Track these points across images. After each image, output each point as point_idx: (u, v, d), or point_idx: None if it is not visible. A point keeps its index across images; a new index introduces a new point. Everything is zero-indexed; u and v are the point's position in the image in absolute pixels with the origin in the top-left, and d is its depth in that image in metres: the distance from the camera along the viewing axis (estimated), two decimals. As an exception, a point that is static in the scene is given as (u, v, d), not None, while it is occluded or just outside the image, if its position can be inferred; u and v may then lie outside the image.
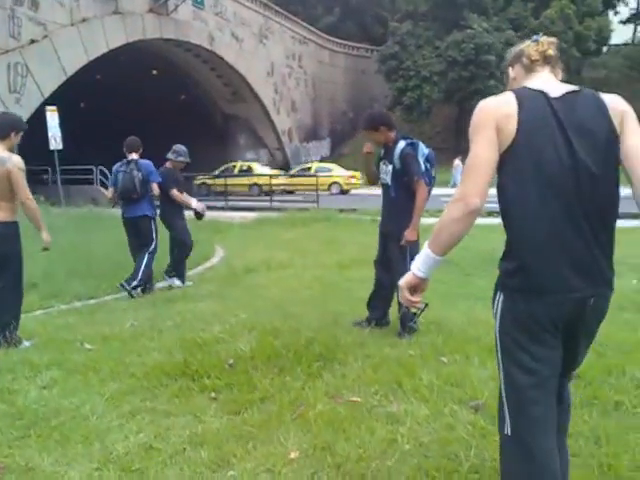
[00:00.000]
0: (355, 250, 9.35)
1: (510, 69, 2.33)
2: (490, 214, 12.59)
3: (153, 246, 7.12)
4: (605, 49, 41.54)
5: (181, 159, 7.69)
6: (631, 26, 48.94)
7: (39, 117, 17.54)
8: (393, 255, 4.98)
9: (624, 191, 1.99)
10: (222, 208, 19.22)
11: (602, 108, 2.05)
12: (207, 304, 6.25)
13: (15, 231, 4.82)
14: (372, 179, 5.44)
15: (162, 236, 7.41)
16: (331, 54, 40.71)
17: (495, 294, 2.12)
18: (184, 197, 7.58)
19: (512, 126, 2.01)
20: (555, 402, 2.13)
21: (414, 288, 2.16)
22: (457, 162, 26.13)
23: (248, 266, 8.57)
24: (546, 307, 2.00)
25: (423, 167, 4.91)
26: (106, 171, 19.67)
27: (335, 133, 40.81)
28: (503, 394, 2.12)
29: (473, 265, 8.02)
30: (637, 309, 5.72)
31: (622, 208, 2.02)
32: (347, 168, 33.33)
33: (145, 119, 29.30)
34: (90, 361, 4.36)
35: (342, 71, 42.10)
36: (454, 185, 25.00)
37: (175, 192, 7.41)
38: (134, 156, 7.13)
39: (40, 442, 3.12)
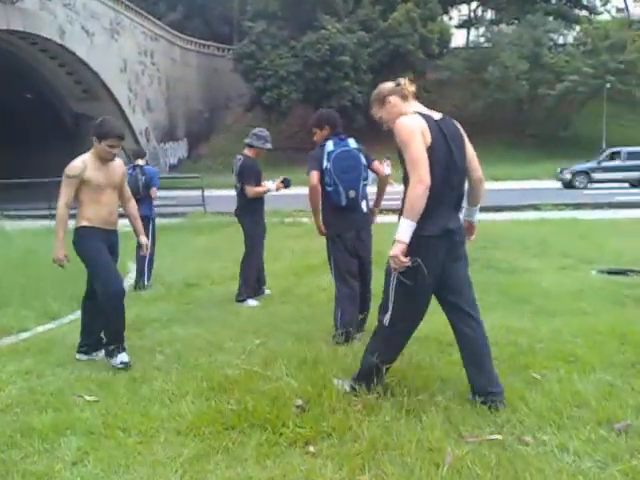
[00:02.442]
0: (294, 255, 8.75)
1: (390, 98, 3.49)
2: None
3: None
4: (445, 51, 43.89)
5: (268, 146, 6.43)
6: (464, 31, 52.37)
7: None
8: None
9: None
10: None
11: (459, 128, 3.47)
12: (182, 329, 5.40)
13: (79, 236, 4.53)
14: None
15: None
16: (182, 52, 39.22)
17: None
18: (259, 189, 6.33)
19: (428, 136, 3.23)
20: None
21: (404, 252, 3.17)
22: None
23: (186, 280, 7.68)
24: None
25: (324, 165, 4.81)
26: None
27: (192, 134, 39.41)
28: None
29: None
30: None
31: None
32: (206, 170, 32.33)
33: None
34: (107, 417, 3.47)
35: (195, 70, 40.76)
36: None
37: (251, 189, 6.25)
38: (140, 162, 8.00)
39: None
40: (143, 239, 4.86)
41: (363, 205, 4.95)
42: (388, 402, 3.42)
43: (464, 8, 52.33)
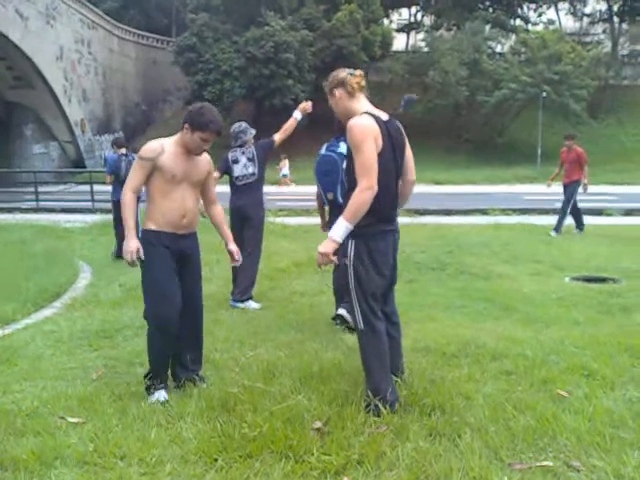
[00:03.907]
0: (262, 258, 8.35)
1: (335, 90, 3.39)
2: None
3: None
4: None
5: (253, 131, 6.28)
6: (404, 35, 52.93)
7: None
8: None
9: None
10: (34, 210, 16.60)
11: (402, 130, 3.48)
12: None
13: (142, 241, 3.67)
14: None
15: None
16: (120, 42, 37.81)
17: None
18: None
19: (380, 142, 3.24)
20: None
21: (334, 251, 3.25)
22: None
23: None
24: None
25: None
26: None
27: (128, 126, 38.03)
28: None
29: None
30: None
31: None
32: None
33: None
34: (98, 443, 3.05)
35: (133, 61, 39.36)
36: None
37: None
38: (124, 151, 9.07)
39: None
40: (232, 247, 4.06)
41: None
42: (415, 424, 3.14)
43: (405, 12, 52.86)
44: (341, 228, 3.21)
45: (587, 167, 11.24)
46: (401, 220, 3.91)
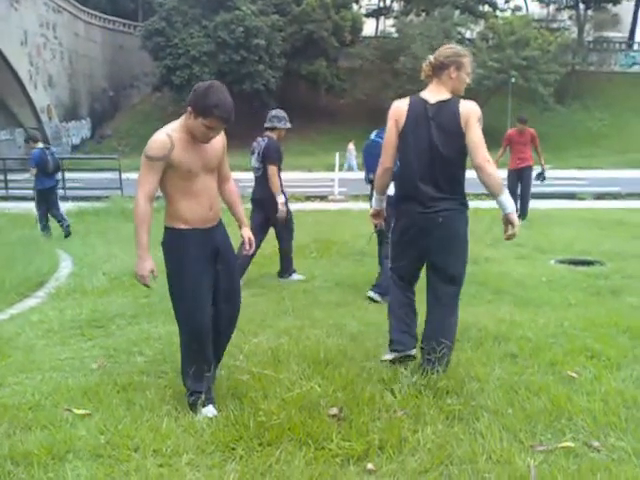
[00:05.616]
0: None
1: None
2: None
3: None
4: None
5: (288, 125, 6.44)
6: (374, 20, 52.77)
7: None
8: None
9: None
10: (4, 198, 16.16)
11: (456, 113, 3.46)
12: (153, 326, 4.89)
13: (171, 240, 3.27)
14: None
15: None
16: (87, 26, 36.91)
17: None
18: (277, 181, 6.25)
19: (402, 120, 3.53)
20: None
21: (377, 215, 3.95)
22: (351, 146, 26.45)
23: (131, 270, 6.96)
24: None
25: None
26: None
27: (95, 113, 37.30)
28: None
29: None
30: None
31: None
32: (110, 151, 30.88)
33: None
34: (109, 435, 2.97)
35: (100, 46, 38.47)
36: (349, 168, 25.46)
37: (275, 169, 6.22)
38: (40, 145, 10.07)
39: None
40: (247, 232, 3.60)
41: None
42: (432, 408, 3.13)
43: (373, -3, 52.68)
44: (375, 199, 3.94)
45: (541, 150, 10.73)
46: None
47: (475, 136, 3.42)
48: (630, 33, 48.85)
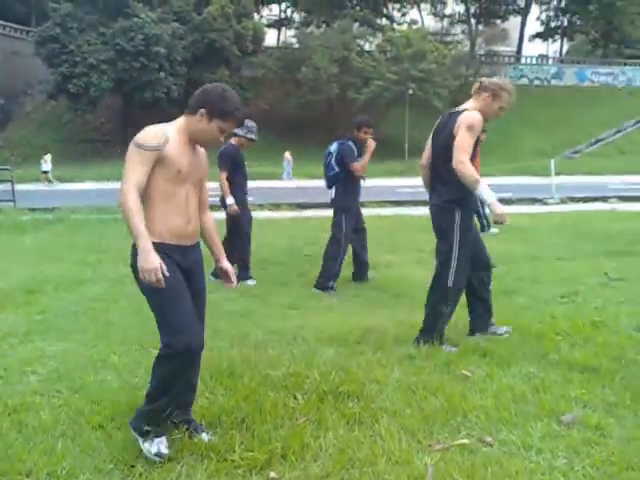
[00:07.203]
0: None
1: None
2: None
3: None
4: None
5: (251, 136, 6.70)
6: (275, 31, 53.11)
7: None
8: None
9: None
10: None
11: (448, 122, 4.14)
12: (47, 344, 4.63)
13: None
14: None
15: None
16: (-26, 30, 35.03)
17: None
18: (226, 186, 6.63)
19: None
20: None
21: None
22: (287, 155, 26.91)
23: (25, 286, 6.65)
24: None
25: None
26: None
27: (-16, 122, 35.42)
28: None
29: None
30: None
31: None
32: (3, 162, 29.35)
33: None
34: (3, 463, 2.81)
35: (-10, 51, 36.61)
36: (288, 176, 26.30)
37: (223, 176, 6.58)
38: None
39: None
40: (226, 264, 3.22)
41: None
42: (334, 413, 3.18)
43: (275, 8, 53.06)
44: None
45: None
46: (286, 214, 3.96)
47: (456, 140, 3.95)
48: (518, 47, 51.74)
